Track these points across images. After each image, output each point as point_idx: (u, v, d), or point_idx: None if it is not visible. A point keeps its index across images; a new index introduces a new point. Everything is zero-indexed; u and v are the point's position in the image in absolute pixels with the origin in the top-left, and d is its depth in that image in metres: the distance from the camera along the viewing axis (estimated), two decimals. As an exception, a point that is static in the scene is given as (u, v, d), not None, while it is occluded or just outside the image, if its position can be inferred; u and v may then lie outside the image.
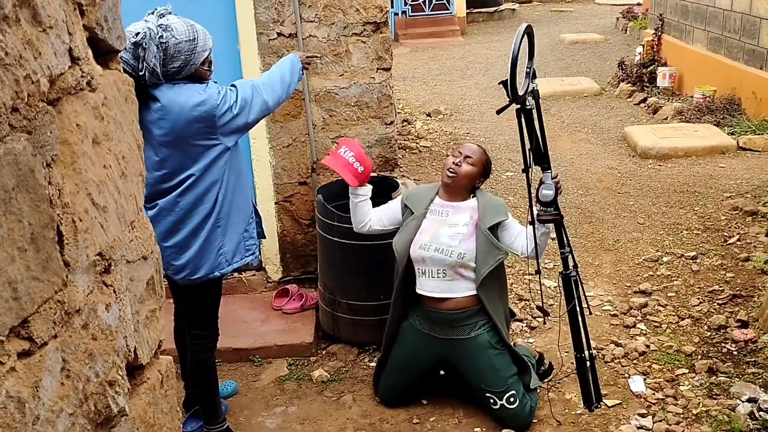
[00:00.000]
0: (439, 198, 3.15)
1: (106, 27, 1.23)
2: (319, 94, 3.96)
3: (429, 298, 3.08)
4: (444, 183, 3.13)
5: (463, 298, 3.03)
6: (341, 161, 3.08)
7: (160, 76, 2.56)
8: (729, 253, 4.30)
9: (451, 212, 3.09)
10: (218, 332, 3.02)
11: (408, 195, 3.23)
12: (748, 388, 3.11)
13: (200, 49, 2.60)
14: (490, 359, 3.04)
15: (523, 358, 3.14)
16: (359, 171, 3.09)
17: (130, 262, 1.28)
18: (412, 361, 3.18)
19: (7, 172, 0.90)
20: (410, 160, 6.21)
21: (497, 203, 3.12)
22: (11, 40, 0.92)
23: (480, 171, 3.13)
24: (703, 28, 7.71)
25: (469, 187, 3.13)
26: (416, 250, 3.04)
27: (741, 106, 6.73)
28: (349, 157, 3.08)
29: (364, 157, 3.12)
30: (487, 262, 2.97)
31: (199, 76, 2.66)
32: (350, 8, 3.84)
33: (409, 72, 10.39)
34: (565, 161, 6.20)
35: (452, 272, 3.02)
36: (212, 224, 2.75)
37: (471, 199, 3.13)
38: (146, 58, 2.50)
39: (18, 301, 0.93)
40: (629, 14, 12.27)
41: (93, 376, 1.12)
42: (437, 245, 3.00)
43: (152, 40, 2.50)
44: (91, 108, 1.15)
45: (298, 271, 4.25)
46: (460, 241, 2.99)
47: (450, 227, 3.04)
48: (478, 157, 3.12)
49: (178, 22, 2.57)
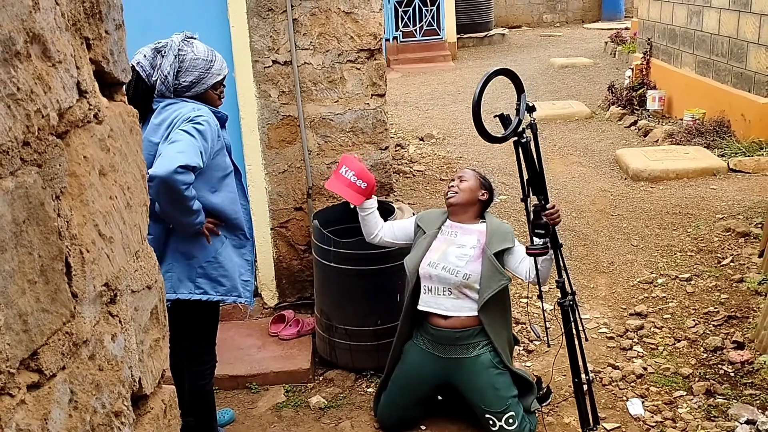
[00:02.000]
0: (450, 220, 3.26)
1: (112, 60, 1.25)
2: (314, 120, 3.99)
3: (432, 315, 3.14)
4: (448, 205, 3.26)
5: (467, 317, 3.09)
6: (343, 182, 3.13)
7: (170, 87, 2.61)
8: (723, 274, 4.33)
9: (460, 233, 3.19)
10: (216, 359, 3.00)
11: (421, 216, 3.35)
12: (746, 409, 3.12)
13: (215, 71, 2.68)
14: (490, 378, 3.07)
15: (528, 379, 3.17)
16: (362, 188, 3.15)
17: (135, 291, 1.29)
18: (413, 380, 3.20)
19: (18, 205, 0.91)
20: (404, 184, 6.24)
21: (504, 230, 3.20)
22: (23, 75, 0.93)
23: (477, 184, 3.24)
24: (691, 51, 7.82)
25: (473, 203, 3.23)
26: (425, 267, 3.12)
27: (730, 128, 6.80)
28: (350, 176, 3.14)
29: (365, 172, 3.18)
30: (490, 286, 3.03)
31: (209, 101, 2.71)
32: (344, 36, 3.88)
33: (401, 97, 10.47)
34: (558, 184, 6.24)
35: (457, 291, 3.09)
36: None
37: (480, 224, 3.22)
38: (162, 66, 2.59)
39: (28, 333, 0.93)
40: (618, 38, 12.43)
41: (99, 407, 1.12)
42: (444, 264, 3.09)
43: (171, 50, 2.60)
44: (98, 140, 1.16)
45: (294, 297, 4.25)
46: (467, 262, 3.08)
47: (458, 248, 3.13)
48: (470, 174, 3.29)
49: (200, 44, 2.69)
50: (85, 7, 1.14)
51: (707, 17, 7.41)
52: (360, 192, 3.15)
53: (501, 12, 17.12)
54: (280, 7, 3.81)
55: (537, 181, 2.76)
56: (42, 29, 0.98)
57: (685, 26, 7.94)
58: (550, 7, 17.54)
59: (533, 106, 2.75)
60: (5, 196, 0.88)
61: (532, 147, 2.75)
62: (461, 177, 3.27)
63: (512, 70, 2.73)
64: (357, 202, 3.18)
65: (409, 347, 3.24)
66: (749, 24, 6.57)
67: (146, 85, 2.64)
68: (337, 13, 3.84)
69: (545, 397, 3.36)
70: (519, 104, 2.74)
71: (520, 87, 2.75)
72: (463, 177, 3.27)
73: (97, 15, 1.19)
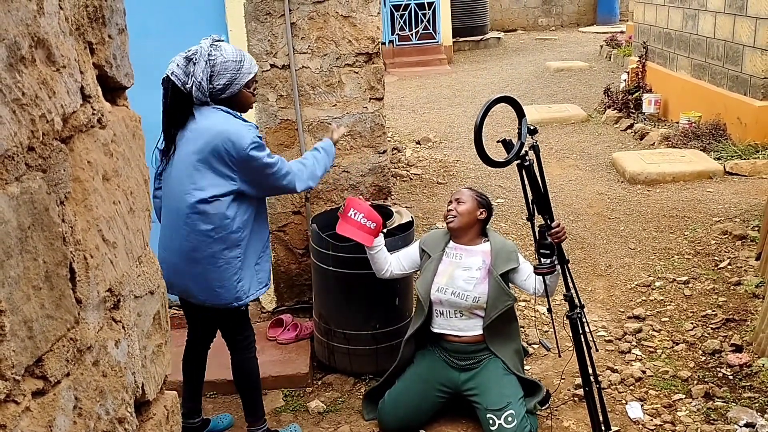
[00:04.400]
0: (453, 242, 3.31)
1: (115, 65, 1.24)
2: (312, 124, 3.98)
3: (446, 335, 3.25)
4: (449, 229, 3.31)
5: (479, 334, 3.21)
6: (354, 224, 3.22)
7: (206, 92, 2.69)
8: (720, 277, 4.33)
9: (465, 255, 3.25)
10: (254, 331, 3.09)
11: (424, 240, 3.40)
12: (745, 412, 3.12)
13: (245, 71, 2.75)
14: (496, 379, 3.15)
15: (534, 382, 3.24)
16: (372, 228, 3.23)
17: (138, 297, 1.28)
18: (423, 382, 3.25)
19: (23, 211, 0.91)
20: (401, 188, 6.24)
21: (509, 249, 3.25)
22: (28, 80, 0.93)
23: (474, 205, 3.28)
24: (687, 55, 7.84)
25: (473, 223, 3.27)
26: (434, 293, 3.20)
27: (726, 132, 6.82)
28: (360, 218, 3.23)
29: (372, 212, 3.26)
30: (496, 306, 3.14)
31: (243, 100, 2.80)
32: (342, 39, 3.88)
33: (397, 100, 10.47)
34: (555, 187, 6.25)
35: (468, 313, 3.20)
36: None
37: (484, 243, 3.28)
38: (195, 73, 2.65)
39: (33, 339, 0.92)
40: (613, 42, 12.47)
41: (103, 414, 1.11)
42: (453, 288, 3.17)
43: (202, 56, 2.66)
44: (101, 145, 1.15)
45: (292, 301, 4.23)
46: (475, 285, 3.16)
47: (464, 270, 3.20)
48: (467, 195, 3.32)
49: (228, 46, 2.75)
50: (88, 12, 1.14)
51: (703, 21, 7.44)
52: (370, 232, 3.24)
53: (496, 16, 17.16)
54: (278, 11, 3.81)
55: (542, 201, 2.78)
56: (46, 34, 0.98)
57: (681, 30, 7.96)
58: (546, 10, 17.59)
59: (535, 128, 2.78)
60: (11, 201, 0.88)
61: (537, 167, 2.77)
62: (458, 199, 3.30)
63: (512, 97, 2.75)
64: (369, 243, 3.25)
65: (421, 354, 3.32)
66: (745, 27, 6.59)
67: (183, 93, 2.70)
68: (335, 17, 3.83)
69: (545, 400, 3.37)
70: (520, 128, 2.76)
71: (520, 112, 2.77)
72: (460, 199, 3.29)
73: (100, 19, 1.18)
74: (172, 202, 2.77)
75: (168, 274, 2.58)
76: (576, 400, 3.37)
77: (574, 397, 3.39)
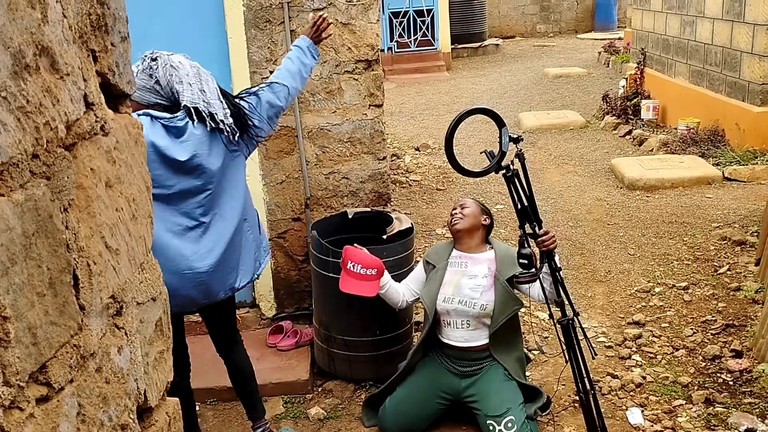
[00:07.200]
0: (456, 250, 3.31)
1: (118, 72, 1.25)
2: (312, 130, 3.99)
3: (451, 345, 3.25)
4: (454, 232, 3.31)
5: (484, 343, 3.22)
6: (355, 277, 3.21)
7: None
8: (720, 282, 4.34)
9: (470, 263, 3.25)
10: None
11: (428, 253, 3.42)
12: (746, 418, 3.12)
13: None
14: (496, 385, 3.15)
15: (535, 388, 3.24)
16: (374, 275, 3.22)
17: (140, 303, 1.29)
18: (425, 388, 3.25)
19: (27, 218, 0.91)
20: (400, 194, 6.25)
21: (513, 255, 3.23)
22: (32, 88, 0.93)
23: (478, 210, 3.32)
24: (685, 61, 7.87)
25: (478, 227, 3.29)
26: (441, 304, 3.20)
27: (725, 138, 6.84)
28: (359, 270, 3.21)
29: (370, 258, 3.24)
30: (504, 311, 3.14)
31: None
32: (342, 47, 3.89)
33: (396, 107, 10.49)
34: (554, 193, 6.26)
35: (476, 322, 3.20)
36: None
37: (488, 251, 3.29)
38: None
39: (37, 346, 0.93)
40: (611, 48, 12.51)
41: (106, 420, 1.11)
42: (460, 297, 3.17)
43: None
44: (104, 152, 1.16)
45: (292, 308, 4.24)
46: (482, 293, 3.16)
47: (470, 279, 3.20)
48: (471, 201, 3.38)
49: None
50: (91, 20, 1.15)
51: (700, 27, 7.46)
52: (373, 279, 3.23)
53: (495, 22, 17.21)
54: (277, 19, 3.82)
55: (528, 210, 2.79)
56: (50, 42, 0.99)
57: (679, 36, 7.99)
58: (544, 17, 17.64)
59: (519, 137, 2.76)
60: (15, 208, 0.88)
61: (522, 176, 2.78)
62: (462, 205, 3.35)
63: (488, 108, 2.77)
64: (373, 293, 3.26)
65: (422, 361, 3.33)
66: (742, 33, 6.61)
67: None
68: (334, 24, 3.84)
69: (545, 406, 3.37)
70: (501, 138, 2.76)
71: (500, 122, 2.78)
72: (464, 204, 3.35)
73: (103, 27, 1.19)
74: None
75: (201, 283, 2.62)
76: (576, 406, 3.37)
77: (575, 403, 3.39)
